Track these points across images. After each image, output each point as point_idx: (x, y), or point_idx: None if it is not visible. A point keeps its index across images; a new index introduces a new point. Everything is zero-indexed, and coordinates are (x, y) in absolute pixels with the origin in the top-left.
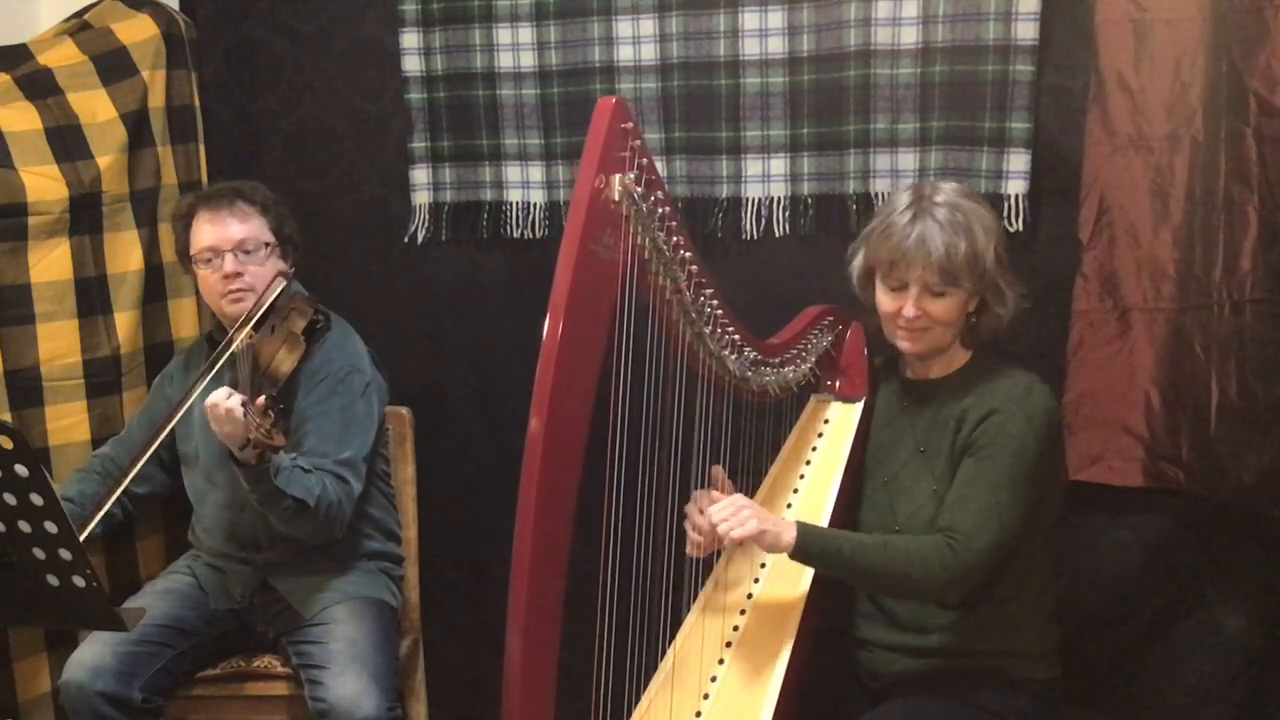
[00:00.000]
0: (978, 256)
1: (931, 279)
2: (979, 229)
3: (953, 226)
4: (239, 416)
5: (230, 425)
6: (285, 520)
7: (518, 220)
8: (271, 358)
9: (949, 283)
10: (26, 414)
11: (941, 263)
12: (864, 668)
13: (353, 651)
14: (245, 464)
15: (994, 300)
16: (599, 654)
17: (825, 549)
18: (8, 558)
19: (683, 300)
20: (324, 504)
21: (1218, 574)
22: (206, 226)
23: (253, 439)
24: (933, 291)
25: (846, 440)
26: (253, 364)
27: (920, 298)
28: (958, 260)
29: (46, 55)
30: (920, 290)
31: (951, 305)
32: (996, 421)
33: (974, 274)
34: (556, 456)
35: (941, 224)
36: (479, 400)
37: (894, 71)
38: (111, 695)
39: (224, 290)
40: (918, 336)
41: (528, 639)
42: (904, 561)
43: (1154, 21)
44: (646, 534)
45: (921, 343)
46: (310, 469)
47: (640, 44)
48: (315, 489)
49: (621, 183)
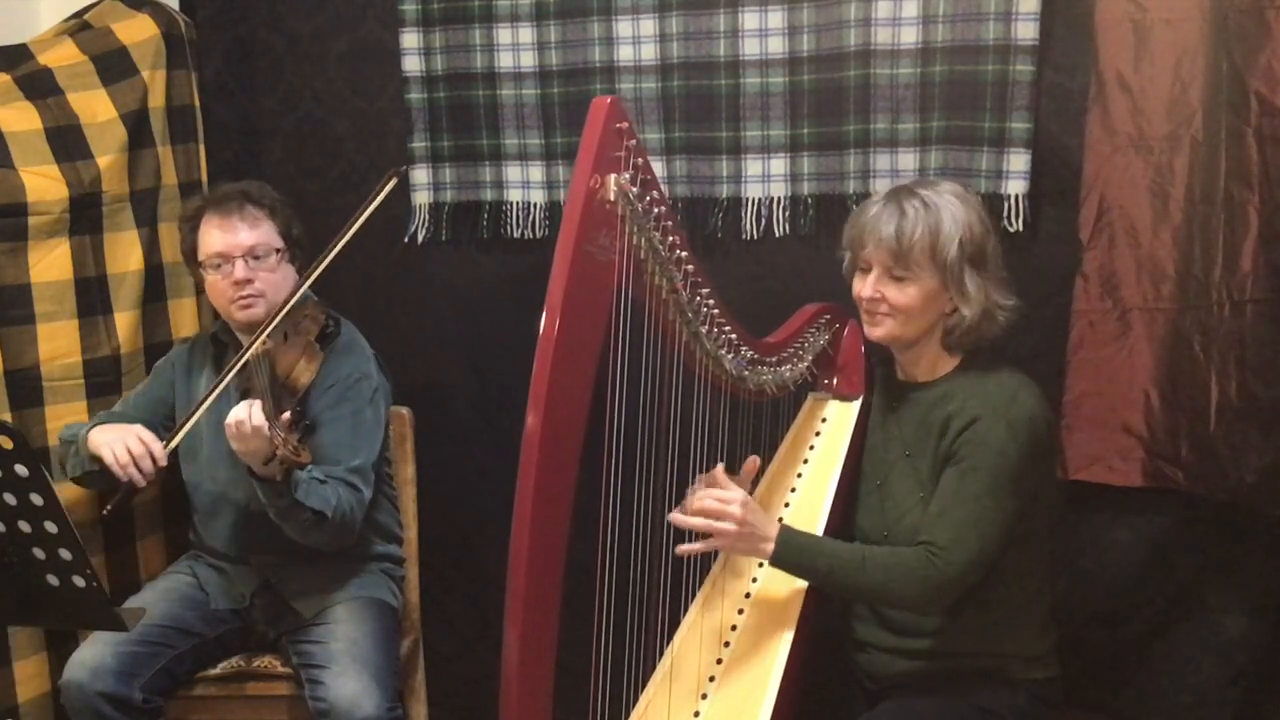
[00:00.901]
0: (939, 245)
1: (885, 259)
2: (946, 219)
3: (915, 212)
4: (265, 434)
5: (256, 442)
6: (301, 531)
7: (518, 220)
8: (290, 368)
9: (902, 266)
10: (26, 414)
11: (890, 243)
12: (862, 669)
13: (353, 651)
14: (267, 479)
15: (958, 299)
16: (597, 653)
17: (803, 562)
18: (8, 558)
19: (679, 300)
20: (339, 514)
21: (1218, 574)
22: (215, 232)
23: (280, 456)
24: (892, 275)
25: (844, 438)
26: (270, 374)
27: (879, 280)
28: (908, 242)
29: (46, 55)
30: (880, 272)
31: (911, 294)
32: (979, 431)
33: (933, 262)
34: (554, 453)
35: (904, 209)
36: (479, 400)
37: (894, 71)
38: (112, 695)
39: (234, 296)
40: (877, 320)
41: (525, 637)
42: (883, 577)
43: (1154, 21)
44: (644, 534)
45: (880, 328)
46: (325, 479)
47: (640, 44)
48: (331, 499)
49: (617, 183)
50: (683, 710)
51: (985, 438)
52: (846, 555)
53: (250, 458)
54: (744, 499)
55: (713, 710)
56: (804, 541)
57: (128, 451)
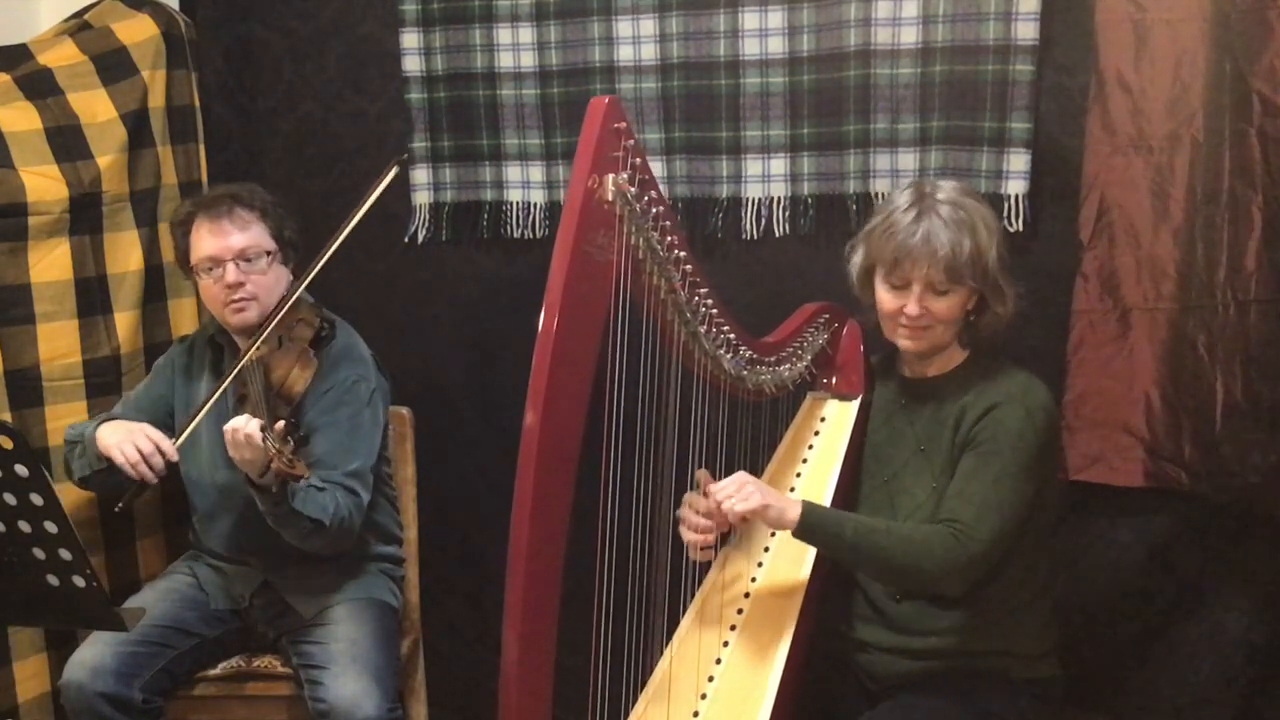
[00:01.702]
0: (981, 255)
1: (937, 277)
2: (982, 227)
3: (957, 224)
4: (259, 443)
5: (251, 452)
6: (300, 538)
7: (518, 220)
8: (285, 377)
9: (954, 280)
10: (26, 414)
11: (948, 261)
12: (862, 669)
13: (353, 652)
14: (264, 489)
15: (994, 299)
16: (596, 654)
17: (829, 530)
18: (8, 558)
19: (677, 300)
20: (337, 520)
21: (1218, 574)
22: (206, 236)
23: (274, 467)
24: (936, 290)
25: (843, 437)
26: (264, 382)
27: (923, 296)
28: (962, 258)
29: (46, 55)
30: (923, 288)
31: (954, 304)
32: (997, 416)
33: (977, 272)
34: (553, 450)
35: (946, 221)
36: (479, 400)
37: (894, 71)
38: (112, 695)
39: (226, 300)
40: (920, 335)
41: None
42: (907, 547)
43: (1154, 21)
44: (644, 535)
45: (923, 341)
46: (323, 486)
47: (640, 44)
48: (329, 507)
49: (615, 183)
50: (682, 711)
51: (1005, 422)
52: (870, 523)
53: (247, 467)
54: (745, 476)
55: (712, 711)
56: (825, 511)
57: (137, 450)
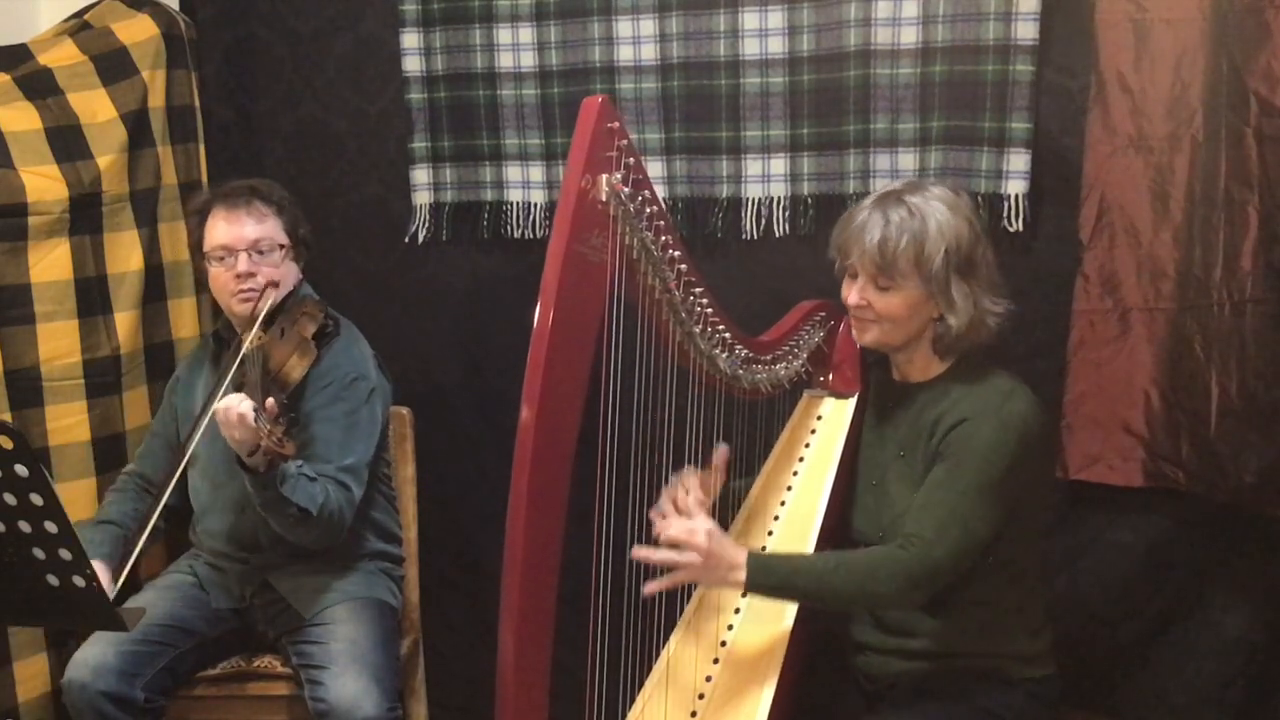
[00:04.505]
0: (922, 256)
1: (869, 269)
2: (932, 228)
3: (900, 221)
4: (250, 423)
5: (241, 431)
6: (287, 527)
7: (518, 220)
8: (283, 363)
9: (886, 275)
10: (26, 414)
11: (874, 253)
12: (860, 670)
13: (353, 652)
14: (253, 470)
15: (945, 307)
16: (593, 654)
17: (778, 583)
18: (8, 558)
19: (672, 300)
20: (326, 512)
21: (1218, 574)
22: (222, 224)
23: (264, 446)
24: (877, 284)
25: (840, 435)
26: (263, 367)
27: (865, 287)
28: (891, 253)
29: (46, 55)
30: (866, 280)
31: (896, 302)
32: (968, 430)
33: (918, 273)
34: (548, 447)
35: (889, 218)
36: (479, 400)
37: (894, 71)
38: (114, 695)
39: (235, 289)
40: (864, 327)
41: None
42: (862, 577)
43: (1154, 21)
44: (640, 534)
45: (867, 335)
46: (315, 476)
47: (640, 44)
48: (319, 497)
49: (608, 183)
50: (680, 711)
51: (973, 436)
52: (820, 564)
53: (239, 446)
54: (709, 529)
55: (710, 711)
56: (774, 561)
57: None
